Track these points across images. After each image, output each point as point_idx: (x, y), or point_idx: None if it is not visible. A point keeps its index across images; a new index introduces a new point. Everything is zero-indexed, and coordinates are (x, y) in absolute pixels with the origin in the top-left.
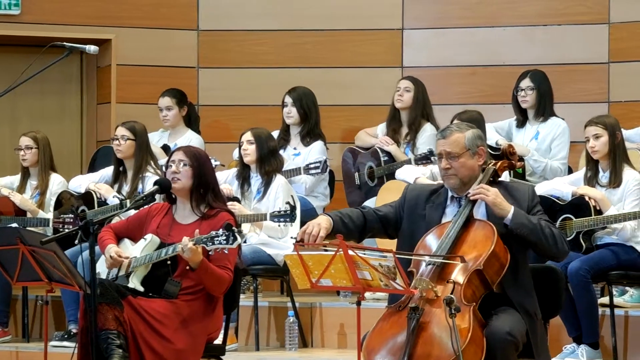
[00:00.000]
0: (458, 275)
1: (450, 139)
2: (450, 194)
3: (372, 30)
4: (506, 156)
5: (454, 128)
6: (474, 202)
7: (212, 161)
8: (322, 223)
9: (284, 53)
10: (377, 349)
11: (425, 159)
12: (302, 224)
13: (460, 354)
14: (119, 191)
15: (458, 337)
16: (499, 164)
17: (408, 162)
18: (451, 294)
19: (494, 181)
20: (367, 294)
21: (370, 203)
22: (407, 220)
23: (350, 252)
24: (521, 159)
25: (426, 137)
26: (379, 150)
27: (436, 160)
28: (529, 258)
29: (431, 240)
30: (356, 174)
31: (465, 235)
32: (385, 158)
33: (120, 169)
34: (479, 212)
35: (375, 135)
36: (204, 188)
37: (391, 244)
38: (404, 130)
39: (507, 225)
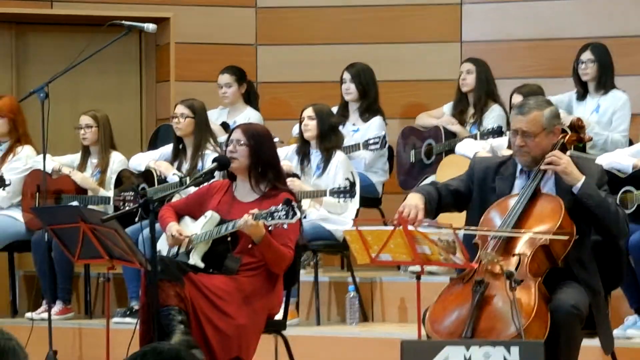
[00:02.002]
0: (524, 248)
1: (529, 117)
2: (519, 167)
3: (431, 5)
4: (575, 129)
5: (532, 104)
6: (543, 174)
7: None
8: (418, 204)
9: (341, 29)
10: (441, 320)
11: (492, 133)
12: (362, 199)
13: (521, 328)
14: (178, 169)
15: (518, 311)
16: (567, 137)
17: (469, 137)
18: (516, 268)
19: None
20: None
21: (426, 182)
22: (477, 193)
23: (410, 227)
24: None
25: (494, 116)
26: (442, 128)
27: (505, 134)
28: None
29: (495, 214)
30: (412, 152)
31: (532, 208)
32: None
33: (180, 146)
34: (547, 186)
35: (439, 116)
36: (262, 167)
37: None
38: (471, 110)
39: (575, 194)
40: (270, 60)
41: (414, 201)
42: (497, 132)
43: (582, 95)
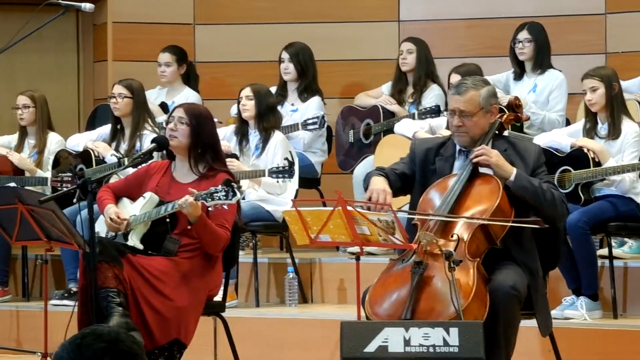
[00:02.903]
0: (462, 229)
1: (466, 97)
2: (458, 147)
3: None
4: (512, 108)
5: (469, 84)
6: None
7: None
8: (386, 188)
9: (280, 8)
10: (380, 301)
11: (429, 112)
12: (301, 180)
13: (459, 309)
14: (116, 149)
15: (457, 291)
16: (505, 117)
17: (407, 116)
18: (455, 248)
19: (499, 135)
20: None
21: (366, 163)
22: (419, 174)
23: (349, 208)
24: None
25: (433, 96)
26: (380, 108)
27: (443, 114)
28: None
29: (434, 194)
30: (350, 132)
31: (470, 189)
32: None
33: (118, 127)
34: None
35: (378, 96)
36: (202, 147)
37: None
38: (410, 90)
39: (508, 187)
40: (208, 40)
41: (381, 185)
42: (435, 112)
43: (519, 74)
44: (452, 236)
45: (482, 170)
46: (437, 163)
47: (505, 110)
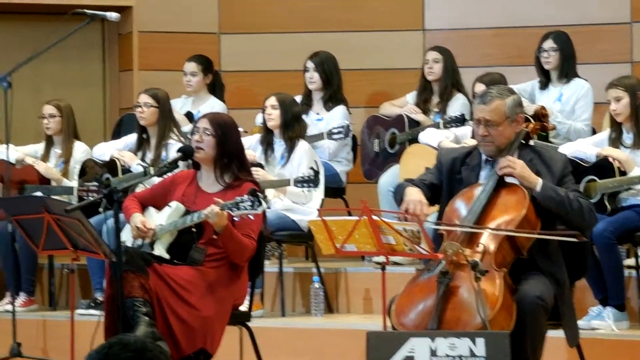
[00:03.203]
0: (488, 239)
1: (491, 106)
2: (484, 157)
3: None
4: (539, 118)
5: (494, 94)
6: None
7: None
8: (422, 199)
9: (305, 17)
10: (406, 311)
11: (455, 121)
12: (326, 189)
13: (486, 320)
14: (142, 159)
15: (484, 302)
16: (531, 126)
17: (432, 126)
18: (481, 258)
19: (525, 144)
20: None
21: (391, 172)
22: (446, 184)
23: (374, 217)
24: None
25: (458, 105)
26: (405, 117)
27: (469, 123)
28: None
29: (460, 204)
30: (375, 141)
31: (496, 199)
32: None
33: (144, 136)
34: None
35: (403, 105)
36: (228, 158)
37: None
38: (435, 99)
39: (535, 197)
40: (233, 49)
41: (417, 196)
42: (460, 121)
43: (545, 84)
44: (478, 246)
45: (508, 179)
46: (463, 172)
47: (531, 119)
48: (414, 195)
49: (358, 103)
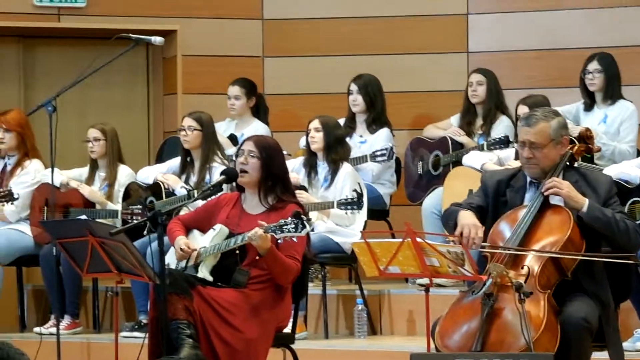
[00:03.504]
0: (533, 261)
1: (536, 129)
2: (529, 179)
3: (437, 15)
4: (583, 140)
5: (539, 116)
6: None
7: None
8: (476, 222)
9: (348, 40)
10: (450, 333)
11: (498, 144)
12: (369, 211)
13: (530, 341)
14: (186, 182)
15: (527, 323)
16: (576, 148)
17: (475, 148)
18: (525, 280)
19: (570, 166)
20: None
21: (435, 194)
22: (491, 207)
23: (418, 239)
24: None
25: (502, 127)
26: (449, 139)
27: (513, 145)
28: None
29: (504, 226)
30: (419, 163)
31: (541, 220)
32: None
33: (188, 159)
34: (556, 198)
35: (446, 128)
36: (272, 180)
37: None
38: (479, 121)
39: (582, 217)
40: (276, 72)
41: (471, 220)
42: (504, 143)
43: (590, 105)
44: (522, 268)
45: (553, 201)
46: (508, 194)
47: (576, 141)
48: (468, 219)
49: (401, 126)
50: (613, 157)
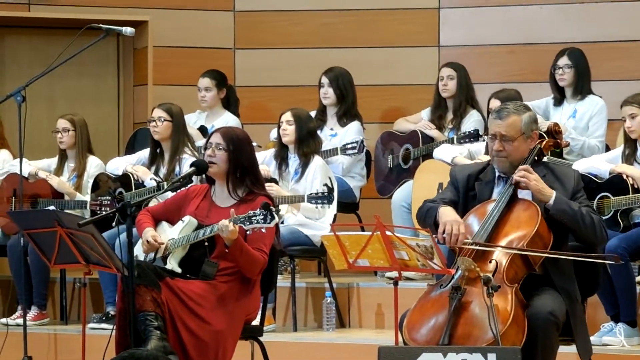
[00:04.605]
0: (500, 255)
1: (507, 122)
2: (497, 173)
3: (409, 9)
4: (552, 135)
5: (511, 109)
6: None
7: None
8: (458, 218)
9: (320, 33)
10: (418, 327)
11: (468, 137)
12: (339, 204)
13: (497, 335)
14: (156, 173)
15: (495, 317)
16: (544, 142)
17: (446, 141)
18: (493, 274)
19: (538, 161)
20: None
21: (404, 188)
22: (461, 201)
23: (388, 232)
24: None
25: (472, 121)
26: (419, 133)
27: (483, 139)
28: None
29: (473, 220)
30: (390, 157)
31: (509, 215)
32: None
33: (157, 150)
34: (524, 192)
35: (417, 121)
36: (241, 172)
37: None
38: (449, 115)
39: (548, 210)
40: (248, 64)
41: (454, 216)
42: (474, 137)
43: (559, 100)
44: (490, 262)
45: (520, 195)
46: (477, 188)
47: (545, 136)
48: (450, 215)
49: (372, 119)
50: (582, 152)
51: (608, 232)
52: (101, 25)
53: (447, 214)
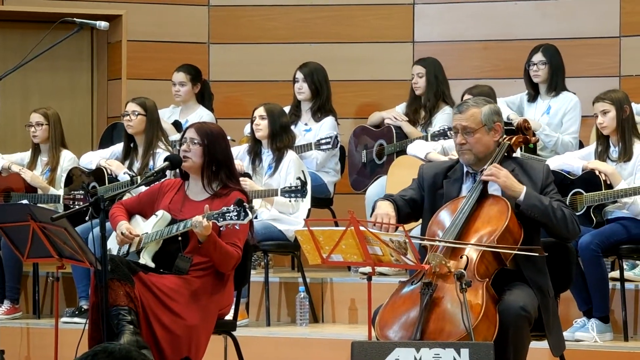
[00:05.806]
0: (471, 251)
1: (467, 114)
2: (465, 169)
3: (383, 4)
4: (521, 131)
5: (470, 103)
6: None
7: None
8: (389, 212)
9: (294, 28)
10: (390, 323)
11: (441, 135)
12: (313, 199)
13: (470, 330)
14: (129, 167)
15: (468, 312)
16: (513, 139)
17: (420, 137)
18: (464, 269)
19: (508, 156)
20: None
21: (378, 183)
22: (428, 199)
23: (361, 228)
24: (534, 134)
25: (445, 117)
26: (392, 128)
27: (451, 136)
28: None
29: (444, 216)
30: (363, 152)
31: (479, 210)
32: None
33: (131, 145)
34: (493, 188)
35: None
36: (215, 166)
37: None
38: (423, 111)
39: (519, 205)
40: (222, 59)
41: (385, 209)
42: (445, 134)
43: (533, 96)
44: (461, 257)
45: (491, 190)
46: (445, 186)
47: (515, 132)
48: (382, 208)
49: (347, 114)
50: (556, 148)
51: (581, 228)
52: (75, 19)
53: (380, 207)
